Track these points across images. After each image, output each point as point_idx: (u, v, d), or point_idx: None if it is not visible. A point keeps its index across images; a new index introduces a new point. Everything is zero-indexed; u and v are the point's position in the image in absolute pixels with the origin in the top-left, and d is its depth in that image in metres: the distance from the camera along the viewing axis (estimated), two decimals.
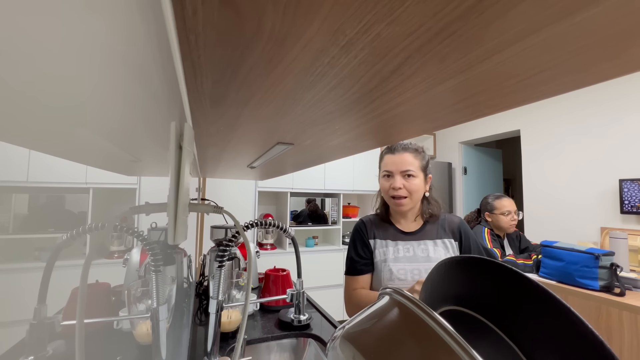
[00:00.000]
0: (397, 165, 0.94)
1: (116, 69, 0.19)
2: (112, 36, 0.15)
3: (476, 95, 0.29)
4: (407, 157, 0.94)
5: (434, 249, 0.93)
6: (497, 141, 4.47)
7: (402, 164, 0.93)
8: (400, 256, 0.92)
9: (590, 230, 2.44)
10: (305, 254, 3.02)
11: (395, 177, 0.94)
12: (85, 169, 0.65)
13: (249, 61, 0.22)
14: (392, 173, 0.95)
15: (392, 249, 0.94)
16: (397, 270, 0.90)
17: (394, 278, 0.89)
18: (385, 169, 0.98)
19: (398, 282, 0.88)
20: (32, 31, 0.13)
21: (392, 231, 0.98)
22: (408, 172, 0.93)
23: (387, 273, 0.91)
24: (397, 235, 0.97)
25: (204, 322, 1.23)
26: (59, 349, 0.41)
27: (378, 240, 0.97)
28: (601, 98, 2.43)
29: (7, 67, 0.15)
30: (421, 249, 0.93)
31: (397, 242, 0.96)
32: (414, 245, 0.94)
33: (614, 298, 1.32)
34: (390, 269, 0.91)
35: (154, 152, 0.52)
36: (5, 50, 0.14)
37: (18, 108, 0.23)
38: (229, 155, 0.78)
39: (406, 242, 0.95)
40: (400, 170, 0.93)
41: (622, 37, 0.18)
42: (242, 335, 0.48)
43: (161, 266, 0.49)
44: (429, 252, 0.92)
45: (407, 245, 0.94)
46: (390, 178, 0.96)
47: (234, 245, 0.84)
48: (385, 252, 0.94)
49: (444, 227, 0.99)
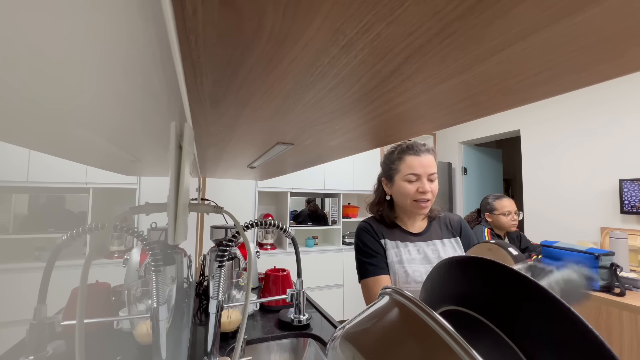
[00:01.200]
0: (425, 168, 0.89)
1: (116, 69, 0.19)
2: (112, 36, 0.15)
3: (476, 95, 0.29)
4: (432, 160, 0.91)
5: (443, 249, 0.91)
6: (497, 141, 4.48)
7: (430, 167, 0.89)
8: (412, 257, 0.89)
9: (590, 230, 2.44)
10: (305, 254, 3.01)
11: (423, 181, 0.89)
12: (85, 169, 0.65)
13: (249, 61, 0.22)
14: (419, 176, 0.89)
15: (404, 250, 0.91)
16: (413, 272, 0.86)
17: (410, 280, 0.85)
18: (411, 172, 0.90)
19: (414, 284, 0.84)
20: (32, 31, 0.13)
21: (398, 232, 0.95)
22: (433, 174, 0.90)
23: (403, 275, 0.87)
24: (404, 236, 0.94)
25: (204, 322, 1.23)
26: (59, 349, 0.41)
27: (388, 240, 0.93)
28: (601, 98, 2.43)
29: (7, 67, 0.15)
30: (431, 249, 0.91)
31: (406, 243, 0.92)
32: (422, 246, 0.92)
33: (614, 298, 1.32)
34: (406, 270, 0.87)
35: (154, 152, 0.52)
36: (5, 50, 0.14)
37: (18, 108, 0.23)
38: (229, 155, 0.78)
39: (415, 243, 0.93)
40: (428, 174, 0.89)
41: (622, 37, 0.18)
42: (242, 335, 0.48)
43: (161, 266, 0.49)
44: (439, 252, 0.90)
45: (417, 246, 0.92)
46: (417, 181, 0.90)
47: (234, 245, 0.84)
48: (397, 252, 0.90)
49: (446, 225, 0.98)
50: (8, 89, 0.18)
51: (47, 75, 0.18)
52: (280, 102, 0.31)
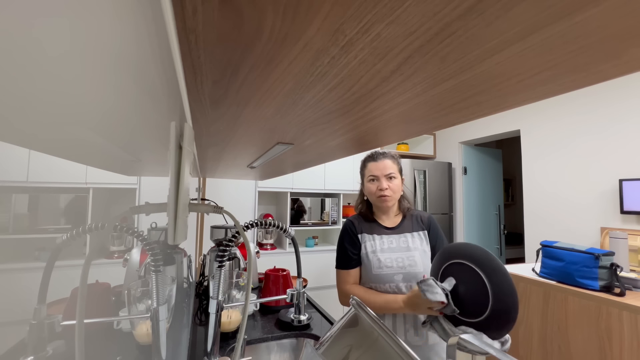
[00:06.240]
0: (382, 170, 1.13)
1: (116, 69, 0.19)
2: (111, 36, 0.15)
3: (476, 95, 0.29)
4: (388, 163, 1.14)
5: (412, 240, 1.13)
6: (497, 141, 4.48)
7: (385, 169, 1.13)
8: (385, 247, 1.11)
9: (590, 230, 2.44)
10: (305, 254, 3.01)
11: (381, 180, 1.12)
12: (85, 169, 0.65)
13: (249, 61, 0.22)
14: (377, 177, 1.14)
15: (379, 242, 1.12)
16: (385, 259, 1.08)
17: (382, 266, 1.07)
18: (370, 174, 1.16)
19: (386, 269, 1.07)
20: (31, 31, 0.13)
21: (376, 227, 1.16)
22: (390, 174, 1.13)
23: (377, 262, 1.08)
24: (380, 230, 1.15)
25: (204, 322, 1.23)
26: (59, 349, 0.41)
27: (366, 234, 1.15)
28: (601, 98, 2.43)
29: (6, 67, 0.15)
30: (402, 240, 1.13)
31: (381, 235, 1.14)
32: (395, 238, 1.13)
33: (614, 298, 1.32)
34: (378, 258, 1.08)
35: (154, 152, 0.52)
36: (4, 50, 0.14)
37: (18, 108, 0.23)
38: (229, 155, 0.78)
39: (389, 235, 1.14)
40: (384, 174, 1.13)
41: (622, 37, 0.18)
42: (242, 335, 0.48)
43: (161, 266, 0.49)
44: (408, 243, 1.12)
45: (390, 238, 1.13)
46: (376, 181, 1.14)
47: (234, 245, 0.84)
48: (373, 244, 1.12)
49: (417, 220, 1.19)
50: (8, 89, 0.18)
51: (47, 75, 0.18)
52: (280, 102, 0.31)
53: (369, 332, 0.48)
